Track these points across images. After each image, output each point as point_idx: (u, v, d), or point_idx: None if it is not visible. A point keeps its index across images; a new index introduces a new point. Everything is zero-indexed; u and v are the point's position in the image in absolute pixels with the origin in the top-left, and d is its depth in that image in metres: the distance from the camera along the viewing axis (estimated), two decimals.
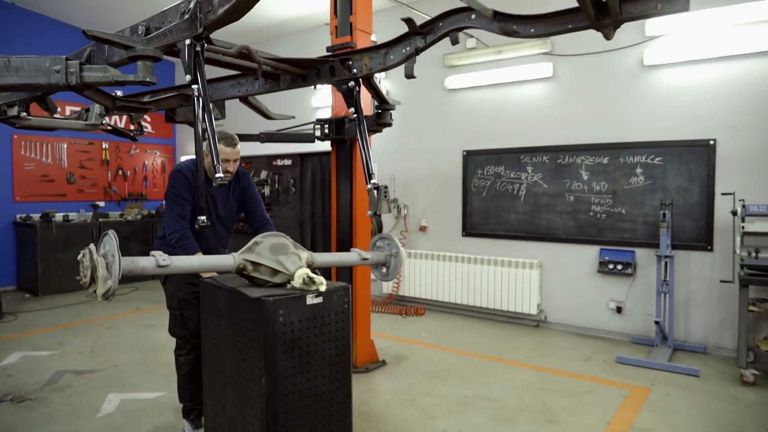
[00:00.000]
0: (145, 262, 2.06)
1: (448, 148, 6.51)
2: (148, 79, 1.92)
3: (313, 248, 8.33)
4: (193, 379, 3.10)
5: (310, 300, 2.30)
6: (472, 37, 6.12)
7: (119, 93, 3.63)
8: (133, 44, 1.90)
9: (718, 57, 4.77)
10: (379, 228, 2.92)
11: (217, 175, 2.13)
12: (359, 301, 4.45)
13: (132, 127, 4.72)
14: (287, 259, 2.39)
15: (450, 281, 6.38)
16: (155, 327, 5.77)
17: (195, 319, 2.97)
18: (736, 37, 4.66)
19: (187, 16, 2.05)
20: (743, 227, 4.32)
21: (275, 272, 2.36)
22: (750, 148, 4.67)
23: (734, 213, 4.39)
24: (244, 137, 4.87)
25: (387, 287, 6.89)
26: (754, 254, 4.30)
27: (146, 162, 9.50)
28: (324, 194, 6.86)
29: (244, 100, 3.57)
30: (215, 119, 4.26)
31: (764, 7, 4.48)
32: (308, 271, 2.33)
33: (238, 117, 5.15)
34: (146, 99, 3.60)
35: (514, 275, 5.90)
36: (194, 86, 2.13)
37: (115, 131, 4.37)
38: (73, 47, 2.71)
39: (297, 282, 2.30)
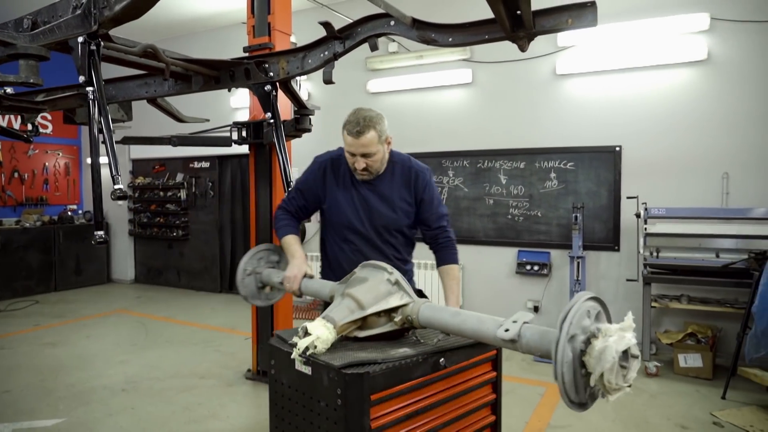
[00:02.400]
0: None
1: None
2: (31, 80, 1.72)
3: (234, 256, 7.98)
4: None
5: (298, 364, 1.67)
6: (394, 41, 6.13)
7: (9, 90, 3.29)
8: (13, 41, 1.69)
9: (623, 68, 5.07)
10: (302, 236, 2.79)
11: (115, 186, 1.92)
12: (280, 305, 4.28)
13: (30, 127, 4.31)
14: (335, 304, 1.85)
15: None
16: (56, 345, 5.30)
17: None
18: (638, 50, 4.97)
19: (79, 11, 1.85)
20: (646, 229, 4.62)
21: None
22: (651, 155, 5.00)
23: (638, 215, 4.68)
24: (155, 140, 4.58)
25: None
26: (655, 254, 4.60)
27: (47, 164, 8.73)
28: (245, 198, 6.62)
29: (153, 101, 3.34)
30: (122, 121, 4.00)
31: (662, 24, 4.81)
32: (318, 323, 1.68)
33: (148, 118, 4.83)
34: (40, 98, 3.28)
35: (436, 278, 5.95)
36: (89, 88, 1.93)
37: (4, 132, 3.96)
38: None
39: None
